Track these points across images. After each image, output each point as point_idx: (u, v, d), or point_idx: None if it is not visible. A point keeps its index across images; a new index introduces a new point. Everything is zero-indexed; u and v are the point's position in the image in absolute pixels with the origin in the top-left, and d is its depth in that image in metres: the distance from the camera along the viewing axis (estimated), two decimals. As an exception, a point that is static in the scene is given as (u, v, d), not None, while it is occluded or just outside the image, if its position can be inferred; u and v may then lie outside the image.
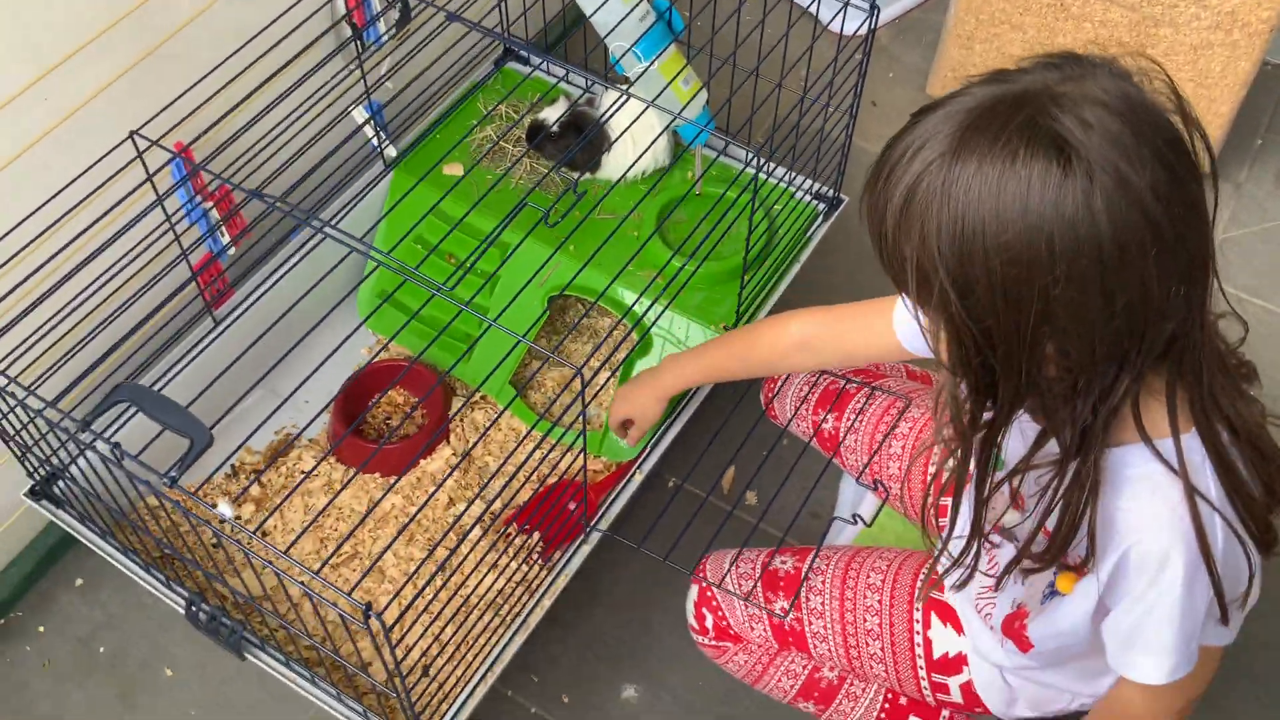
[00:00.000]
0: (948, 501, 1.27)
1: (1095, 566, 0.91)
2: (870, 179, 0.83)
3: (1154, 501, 0.85)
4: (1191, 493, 0.84)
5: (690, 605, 1.28)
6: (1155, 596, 0.87)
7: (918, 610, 1.19)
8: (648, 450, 1.41)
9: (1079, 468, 0.86)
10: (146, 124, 1.23)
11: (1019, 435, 0.94)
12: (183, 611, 1.26)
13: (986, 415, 0.86)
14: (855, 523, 1.28)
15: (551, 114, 1.59)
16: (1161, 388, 0.84)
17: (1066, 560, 0.93)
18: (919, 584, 1.15)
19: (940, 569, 1.00)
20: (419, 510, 1.04)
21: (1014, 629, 1.06)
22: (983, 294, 0.76)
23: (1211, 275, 0.81)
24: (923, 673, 1.19)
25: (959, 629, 1.17)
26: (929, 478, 1.28)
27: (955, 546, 1.00)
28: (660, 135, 1.50)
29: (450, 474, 1.26)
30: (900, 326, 1.16)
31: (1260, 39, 1.74)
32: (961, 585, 1.00)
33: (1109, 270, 0.74)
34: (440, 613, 1.23)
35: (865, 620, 1.20)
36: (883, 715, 1.27)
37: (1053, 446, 0.87)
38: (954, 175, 0.75)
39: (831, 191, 1.62)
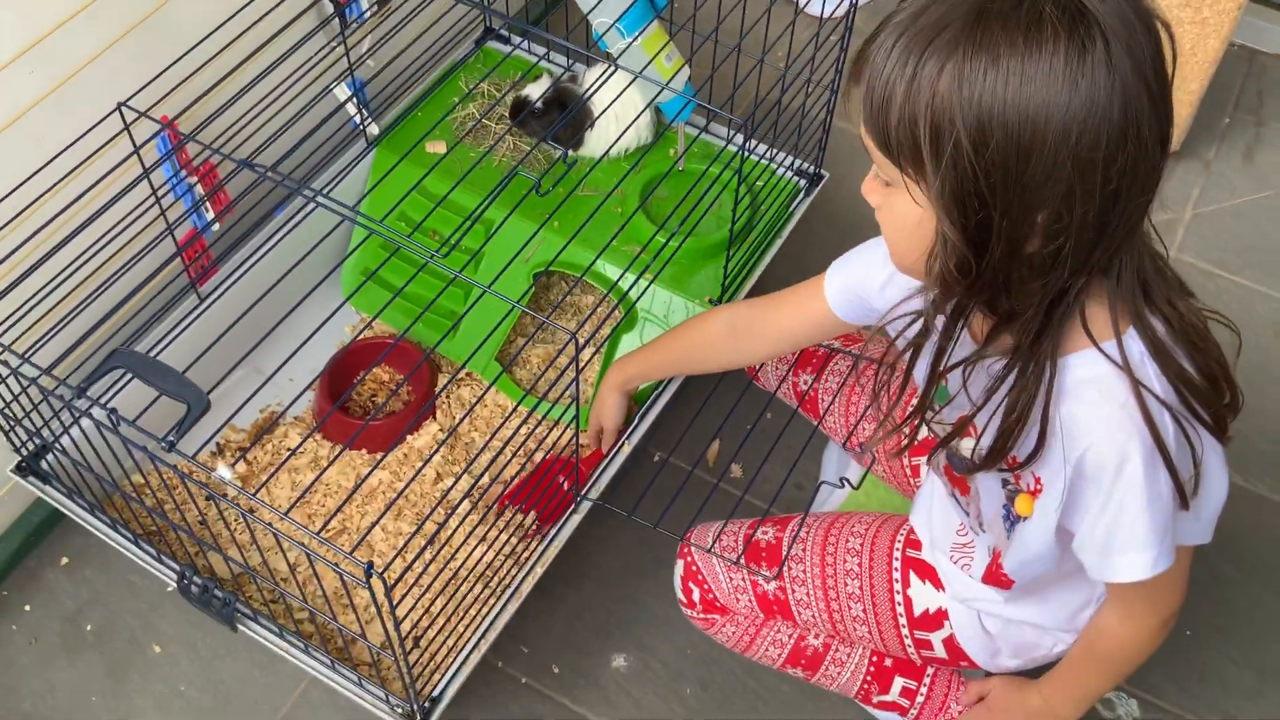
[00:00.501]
0: (920, 463, 1.30)
1: (1050, 478, 0.93)
2: (865, 52, 0.84)
3: (1103, 403, 0.88)
4: (1138, 387, 0.87)
5: (677, 580, 1.31)
6: (1122, 494, 0.90)
7: (896, 570, 1.21)
8: (635, 423, 1.43)
9: (1029, 364, 0.89)
10: (134, 96, 1.23)
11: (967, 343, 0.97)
12: (174, 585, 1.26)
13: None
14: (843, 486, 1.31)
15: (535, 91, 1.60)
16: (1103, 295, 0.88)
17: (1018, 480, 0.96)
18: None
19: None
20: (406, 485, 1.05)
21: (994, 575, 1.09)
22: (996, 149, 0.78)
23: (1159, 183, 0.85)
24: (905, 630, 1.21)
25: (938, 585, 1.19)
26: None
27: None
28: (643, 111, 1.52)
29: (437, 450, 1.27)
30: (834, 297, 1.19)
31: (1229, 17, 1.78)
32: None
33: (1114, 130, 0.78)
34: (430, 586, 1.24)
35: (846, 584, 1.22)
36: (869, 677, 1.29)
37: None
38: (976, 39, 0.77)
39: (813, 168, 1.64)
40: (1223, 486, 0.98)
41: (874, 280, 1.12)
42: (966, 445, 1.00)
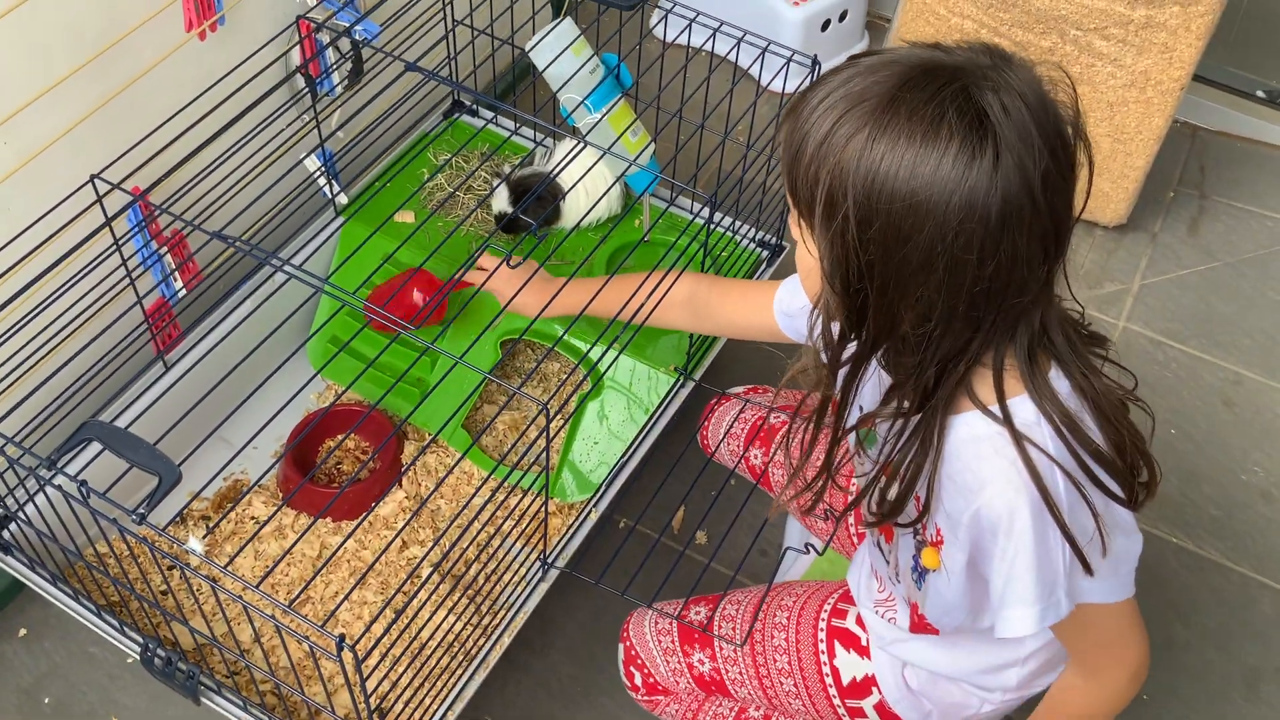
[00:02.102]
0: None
1: (951, 531, 0.97)
2: (797, 103, 0.89)
3: (995, 458, 0.92)
4: (1023, 445, 0.91)
5: (620, 665, 1.33)
6: (1015, 549, 0.93)
7: (822, 642, 1.24)
8: (601, 491, 1.44)
9: (921, 423, 0.93)
10: (106, 168, 1.24)
11: (878, 387, 1.01)
12: (135, 657, 1.25)
13: (849, 353, 0.94)
14: (808, 552, 1.32)
15: (501, 196, 1.63)
16: (989, 359, 0.92)
17: (909, 522, 0.99)
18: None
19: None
20: (378, 558, 1.05)
21: (921, 624, 1.12)
22: (878, 229, 0.84)
23: (1063, 260, 0.90)
24: (837, 701, 1.23)
25: (863, 653, 1.22)
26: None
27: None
28: (613, 185, 1.55)
29: (410, 520, 1.27)
30: (779, 305, 1.25)
31: (1172, 97, 1.85)
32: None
33: (990, 238, 0.83)
34: (399, 657, 1.24)
35: (776, 660, 1.25)
36: None
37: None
38: (883, 120, 0.83)
39: (774, 239, 1.68)
40: (1137, 541, 1.02)
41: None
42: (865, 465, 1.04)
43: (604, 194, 1.52)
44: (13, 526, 1.31)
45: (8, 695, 1.45)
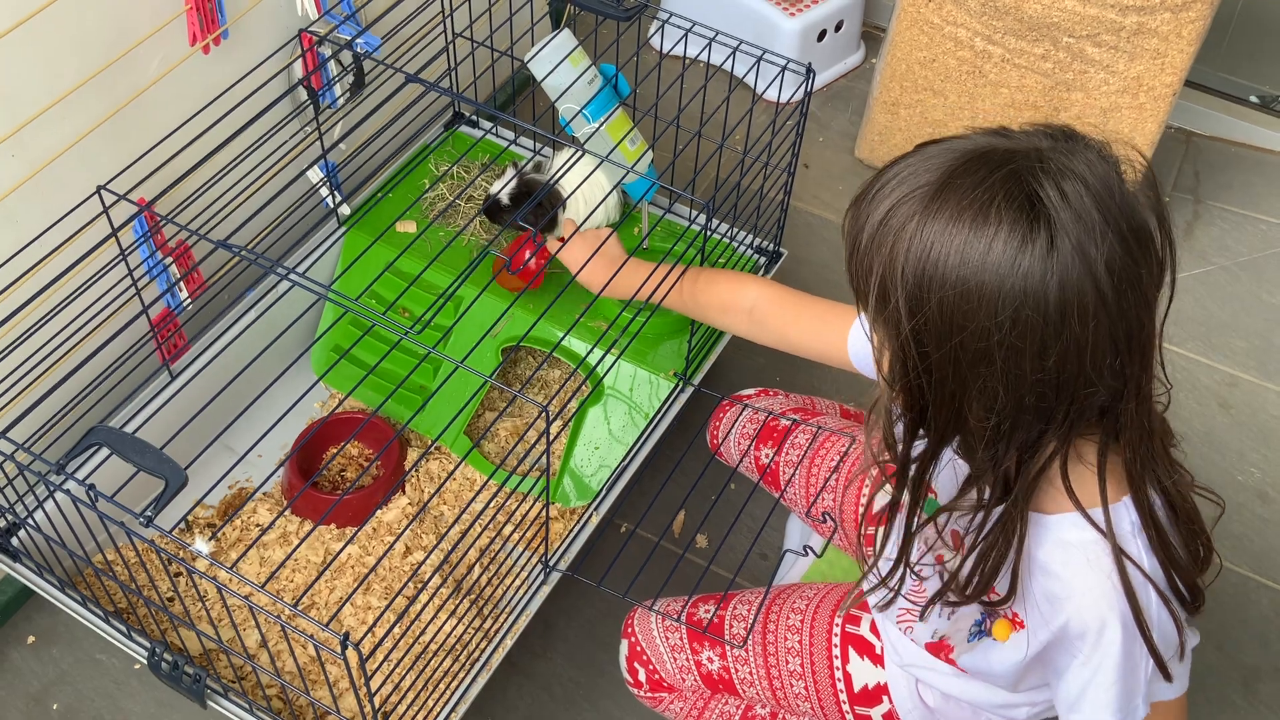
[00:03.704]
0: (872, 531, 1.34)
1: (1038, 626, 0.95)
2: (860, 194, 0.89)
3: (1089, 571, 0.90)
4: (1122, 562, 0.89)
5: (623, 660, 1.33)
6: (1098, 661, 0.92)
7: (836, 646, 1.24)
8: (602, 495, 1.45)
9: (1003, 516, 0.91)
10: (112, 180, 1.26)
11: (954, 476, 1.00)
12: (143, 662, 1.26)
13: (919, 446, 0.92)
14: (806, 554, 1.34)
15: (501, 186, 1.65)
16: (1092, 457, 0.89)
17: (990, 604, 0.98)
18: (846, 599, 1.19)
19: (867, 585, 1.05)
20: (379, 561, 1.07)
21: (941, 655, 1.11)
22: (931, 320, 0.82)
23: (1153, 355, 0.87)
24: (846, 706, 1.24)
25: (876, 660, 1.22)
26: (862, 506, 1.33)
27: (885, 566, 1.04)
28: (610, 192, 1.57)
29: (410, 524, 1.28)
30: (854, 342, 1.20)
31: (1164, 103, 1.87)
32: (885, 606, 1.05)
33: (1049, 328, 0.80)
34: (400, 660, 1.25)
35: (787, 661, 1.25)
36: None
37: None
38: (933, 208, 0.81)
39: (772, 246, 1.70)
40: (1196, 635, 1.00)
41: None
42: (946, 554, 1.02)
43: (601, 201, 1.54)
44: (21, 533, 1.33)
45: (17, 702, 1.47)
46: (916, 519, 0.96)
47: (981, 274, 0.79)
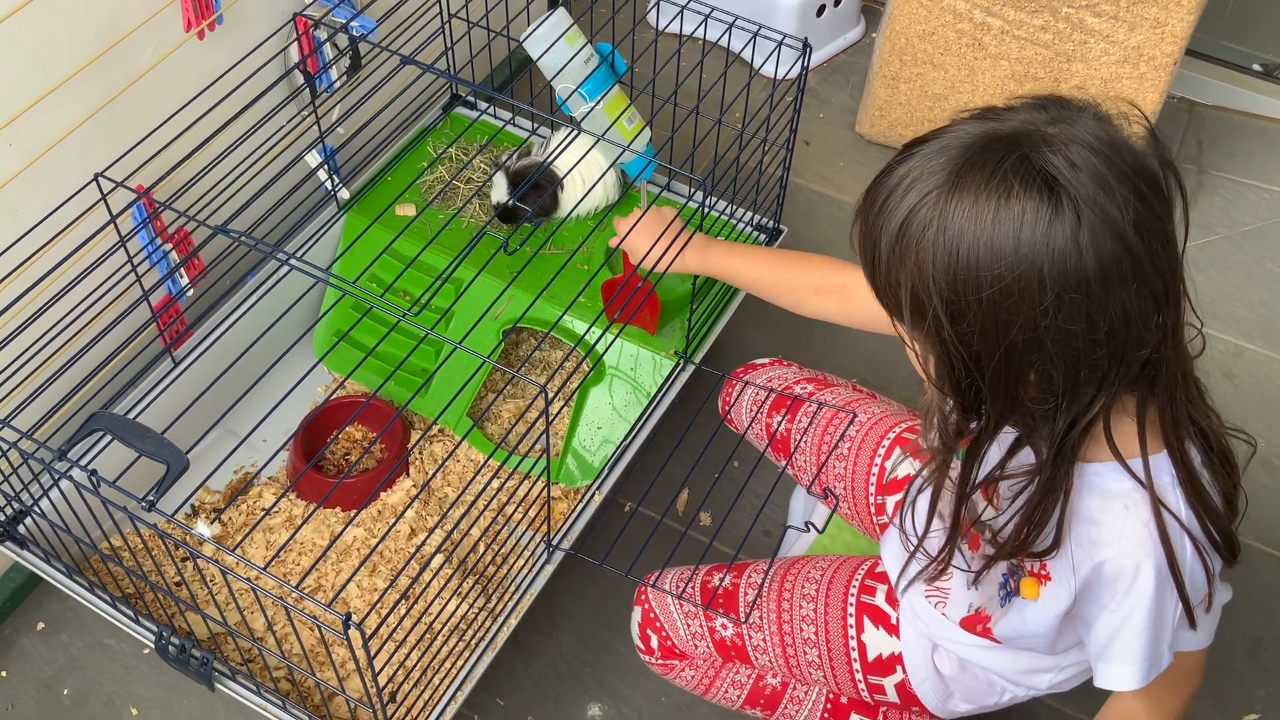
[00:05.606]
0: (885, 501, 1.34)
1: (1066, 573, 0.95)
2: (862, 207, 0.87)
3: (1127, 518, 0.90)
4: (1160, 512, 0.89)
5: (635, 626, 1.33)
6: (1130, 606, 0.92)
7: (851, 615, 1.24)
8: (605, 473, 1.46)
9: (1052, 476, 0.90)
10: (110, 167, 1.26)
11: (995, 441, 1.00)
12: (151, 647, 1.27)
13: (971, 427, 0.92)
14: (808, 530, 1.34)
15: (500, 185, 1.64)
16: (1133, 408, 0.89)
17: (1023, 561, 0.98)
18: (901, 578, 1.18)
19: (917, 565, 1.04)
20: (380, 541, 1.07)
21: (977, 629, 1.11)
22: (974, 321, 0.81)
23: (1183, 300, 0.87)
24: (859, 675, 1.24)
25: (891, 631, 1.23)
26: (886, 475, 1.33)
27: (931, 545, 1.04)
28: (608, 171, 1.57)
29: (410, 504, 1.29)
30: None
31: (1165, 72, 1.86)
32: (934, 578, 1.05)
33: (1094, 300, 0.79)
34: (405, 640, 1.26)
35: (802, 629, 1.25)
36: (825, 716, 1.32)
37: (1027, 454, 0.92)
38: (950, 209, 0.80)
39: (771, 222, 1.70)
40: (1229, 591, 1.01)
41: None
42: (989, 513, 1.02)
43: (598, 179, 1.54)
44: (28, 520, 1.34)
45: (28, 688, 1.48)
46: (966, 500, 0.95)
47: (1017, 265, 0.78)
